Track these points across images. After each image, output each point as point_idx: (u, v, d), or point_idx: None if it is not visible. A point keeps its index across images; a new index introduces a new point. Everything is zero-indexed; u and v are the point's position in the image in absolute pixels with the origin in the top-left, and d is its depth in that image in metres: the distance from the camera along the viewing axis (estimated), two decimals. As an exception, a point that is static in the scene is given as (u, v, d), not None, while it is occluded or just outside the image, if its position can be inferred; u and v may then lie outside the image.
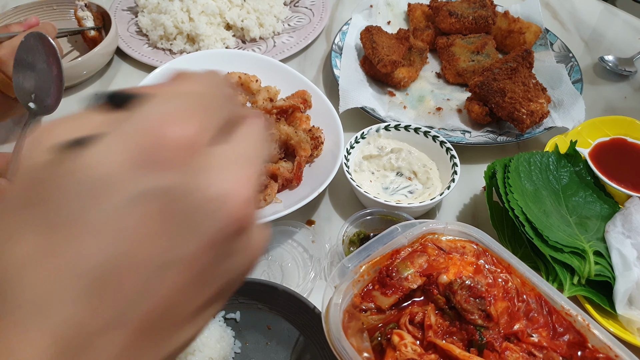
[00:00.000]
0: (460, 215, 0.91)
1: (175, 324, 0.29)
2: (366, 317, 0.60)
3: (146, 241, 0.26)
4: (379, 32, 1.10)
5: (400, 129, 0.93)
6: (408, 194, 0.88)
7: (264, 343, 0.71)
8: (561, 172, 0.86)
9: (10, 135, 1.01)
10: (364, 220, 0.82)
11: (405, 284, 0.61)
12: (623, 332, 0.70)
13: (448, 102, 1.09)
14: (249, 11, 1.21)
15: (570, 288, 0.73)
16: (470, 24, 1.14)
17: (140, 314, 0.26)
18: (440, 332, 0.59)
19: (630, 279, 0.71)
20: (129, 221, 0.25)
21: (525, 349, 0.57)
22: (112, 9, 1.28)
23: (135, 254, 0.26)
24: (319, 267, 0.80)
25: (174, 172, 0.26)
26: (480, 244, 0.66)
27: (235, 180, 0.28)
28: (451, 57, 1.11)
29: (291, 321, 0.70)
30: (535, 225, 0.75)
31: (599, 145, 0.90)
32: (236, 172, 0.28)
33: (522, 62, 1.02)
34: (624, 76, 1.19)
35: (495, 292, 0.61)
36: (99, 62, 1.11)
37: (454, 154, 0.88)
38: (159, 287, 0.27)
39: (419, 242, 0.66)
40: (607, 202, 0.84)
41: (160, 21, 1.17)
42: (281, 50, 1.18)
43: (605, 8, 1.41)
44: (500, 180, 0.81)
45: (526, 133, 0.97)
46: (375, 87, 1.10)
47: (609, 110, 1.11)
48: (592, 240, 0.76)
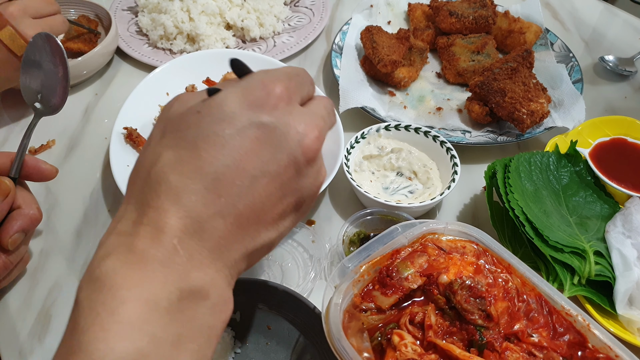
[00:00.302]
0: (460, 215, 0.91)
1: (262, 223, 0.41)
2: (366, 317, 0.60)
3: (250, 156, 0.39)
4: (379, 32, 1.10)
5: (400, 128, 0.93)
6: (408, 194, 0.88)
7: (264, 343, 0.71)
8: (561, 172, 0.86)
9: (10, 134, 1.01)
10: (364, 220, 0.82)
11: (405, 284, 0.61)
12: (623, 332, 0.70)
13: (448, 102, 1.09)
14: (249, 11, 1.21)
15: (571, 288, 0.73)
16: (470, 23, 1.14)
17: (238, 209, 0.39)
18: (440, 332, 0.59)
19: (630, 279, 0.71)
20: (239, 141, 0.39)
21: (525, 349, 0.57)
22: (112, 9, 1.28)
23: (241, 164, 0.38)
24: (319, 267, 0.80)
25: (274, 113, 0.40)
26: (480, 244, 0.66)
27: (310, 126, 0.42)
28: (451, 57, 1.11)
29: (291, 321, 0.70)
30: (536, 225, 0.75)
31: (599, 145, 0.90)
32: (311, 121, 0.42)
33: (523, 62, 1.02)
34: (624, 76, 1.19)
35: (495, 292, 0.61)
36: (99, 62, 1.11)
37: (454, 153, 0.88)
38: (254, 190, 0.39)
39: (419, 242, 0.66)
40: (608, 202, 0.84)
41: (160, 21, 1.17)
42: (281, 50, 1.18)
43: (606, 8, 1.41)
44: (501, 180, 0.81)
45: (526, 133, 0.97)
46: (376, 87, 1.10)
47: (609, 110, 1.11)
48: (593, 240, 0.76)
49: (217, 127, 0.39)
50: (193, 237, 0.38)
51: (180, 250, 0.37)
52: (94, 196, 0.91)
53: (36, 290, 0.78)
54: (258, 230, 0.41)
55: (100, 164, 0.97)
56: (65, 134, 1.02)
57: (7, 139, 1.00)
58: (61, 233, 0.86)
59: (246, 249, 0.41)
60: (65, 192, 0.91)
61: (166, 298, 0.36)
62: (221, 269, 0.39)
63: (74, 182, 0.93)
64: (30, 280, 0.79)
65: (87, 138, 1.01)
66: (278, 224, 0.43)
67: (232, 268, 0.41)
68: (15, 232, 0.67)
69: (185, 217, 0.37)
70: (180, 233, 0.37)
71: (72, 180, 0.93)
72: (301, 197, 0.43)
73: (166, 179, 0.38)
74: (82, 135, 1.02)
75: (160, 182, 0.38)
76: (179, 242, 0.37)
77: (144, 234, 0.37)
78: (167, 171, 0.38)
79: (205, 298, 0.38)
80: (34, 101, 0.78)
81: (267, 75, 0.42)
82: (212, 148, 0.38)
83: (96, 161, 0.97)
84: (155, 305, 0.35)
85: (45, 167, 0.74)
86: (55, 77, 0.78)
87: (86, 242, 0.85)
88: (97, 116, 1.06)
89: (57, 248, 0.84)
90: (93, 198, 0.91)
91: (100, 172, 0.95)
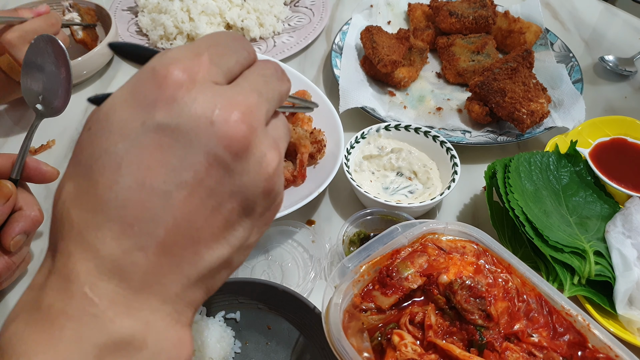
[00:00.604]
0: (460, 215, 0.91)
1: (199, 242, 0.33)
2: (366, 317, 0.60)
3: (154, 169, 0.31)
4: (379, 32, 1.10)
5: (400, 128, 0.93)
6: (408, 194, 0.88)
7: (264, 343, 0.71)
8: (561, 172, 0.86)
9: (10, 134, 1.01)
10: (364, 220, 0.82)
11: (405, 284, 0.61)
12: (623, 332, 0.70)
13: (448, 102, 1.09)
14: (249, 11, 1.21)
15: (571, 288, 0.73)
16: (470, 24, 1.14)
17: (159, 235, 0.31)
18: (440, 332, 0.59)
19: (630, 279, 0.71)
20: (136, 155, 0.31)
21: (525, 349, 0.57)
22: (112, 9, 1.28)
23: (146, 181, 0.31)
24: (319, 267, 0.80)
25: (172, 107, 0.31)
26: (480, 244, 0.66)
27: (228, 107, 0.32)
28: (451, 57, 1.11)
29: (291, 321, 0.70)
30: (536, 225, 0.75)
31: (599, 145, 0.90)
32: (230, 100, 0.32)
33: (523, 62, 1.02)
34: (624, 76, 1.19)
35: (495, 292, 0.61)
36: (99, 62, 1.11)
37: (454, 153, 0.88)
38: (172, 208, 0.31)
39: (419, 242, 0.66)
40: (608, 202, 0.84)
41: (160, 21, 1.17)
42: (281, 50, 1.18)
43: (605, 8, 1.41)
44: (501, 180, 0.81)
45: (526, 133, 0.97)
46: (376, 87, 1.10)
47: (609, 110, 1.11)
48: (593, 240, 0.76)
49: (108, 142, 0.32)
50: (111, 280, 0.31)
51: (95, 299, 0.31)
52: (94, 196, 0.91)
53: (36, 290, 0.78)
54: (197, 252, 0.33)
55: (100, 164, 0.96)
56: (65, 134, 1.02)
57: (8, 139, 1.00)
58: (61, 233, 0.86)
59: (187, 277, 0.33)
60: (65, 192, 0.91)
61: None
62: (159, 308, 0.33)
63: (74, 182, 0.93)
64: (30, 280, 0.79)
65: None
66: (225, 237, 0.34)
67: (177, 302, 0.34)
68: (17, 234, 0.67)
69: (94, 258, 0.31)
70: (91, 278, 0.31)
71: (72, 180, 0.93)
72: (245, 198, 0.34)
73: (68, 217, 0.32)
74: (82, 135, 1.02)
75: (63, 220, 0.32)
76: (90, 289, 0.31)
77: (51, 286, 0.31)
78: (68, 206, 0.32)
79: (140, 348, 0.32)
80: (35, 103, 0.78)
81: (162, 58, 0.33)
82: (107, 170, 0.31)
83: (96, 161, 0.97)
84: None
85: (47, 169, 0.74)
86: (57, 80, 0.78)
87: (86, 242, 0.85)
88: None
89: (57, 248, 0.84)
90: (93, 198, 0.91)
91: (100, 172, 0.95)
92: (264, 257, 0.83)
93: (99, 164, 0.31)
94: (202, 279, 0.34)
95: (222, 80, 0.34)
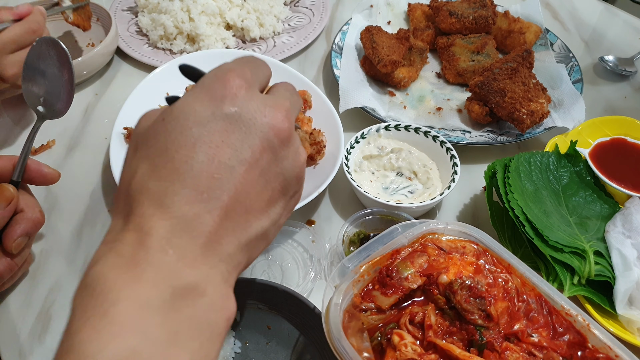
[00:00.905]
0: (460, 215, 0.91)
1: (250, 212, 0.41)
2: (366, 317, 0.60)
3: (222, 147, 0.39)
4: (379, 32, 1.10)
5: (400, 129, 0.93)
6: (408, 194, 0.88)
7: (264, 343, 0.71)
8: (561, 172, 0.86)
9: (10, 135, 1.01)
10: (364, 220, 0.82)
11: (405, 284, 0.61)
12: (623, 332, 0.70)
13: (448, 102, 1.09)
14: (249, 11, 1.21)
15: (571, 288, 0.73)
16: (470, 24, 1.14)
17: (223, 201, 0.39)
18: (440, 332, 0.59)
19: (630, 279, 0.71)
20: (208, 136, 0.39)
21: (525, 349, 0.57)
22: (112, 9, 1.28)
23: (216, 157, 0.39)
24: (319, 267, 0.80)
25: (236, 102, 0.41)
26: (480, 244, 0.66)
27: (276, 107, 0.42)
28: (451, 57, 1.11)
29: (291, 321, 0.70)
30: (536, 225, 0.75)
31: (599, 145, 0.90)
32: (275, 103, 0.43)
33: (522, 62, 1.02)
34: (624, 76, 1.19)
35: (495, 292, 0.61)
36: (99, 62, 1.11)
37: (454, 154, 0.88)
38: (235, 180, 0.39)
39: (419, 242, 0.66)
40: (607, 202, 0.84)
41: (160, 21, 1.17)
42: (281, 50, 1.18)
43: (605, 8, 1.41)
44: (501, 180, 0.81)
45: (526, 133, 0.97)
46: (376, 87, 1.10)
47: (609, 110, 1.11)
48: (592, 240, 0.76)
49: (184, 128, 0.40)
50: (182, 236, 0.37)
51: (170, 250, 0.37)
52: (94, 196, 0.91)
53: (36, 291, 0.78)
54: (248, 220, 0.41)
55: (100, 164, 0.97)
56: (66, 134, 1.02)
57: (8, 140, 1.00)
58: (61, 233, 0.86)
59: (239, 240, 0.40)
60: (65, 192, 0.91)
61: (158, 297, 0.36)
62: (216, 264, 0.39)
63: (74, 182, 0.93)
64: (31, 281, 0.79)
65: (87, 138, 1.01)
66: (268, 211, 0.43)
67: (229, 263, 0.40)
68: (19, 236, 0.68)
69: (171, 218, 0.38)
70: (167, 234, 0.37)
71: (72, 180, 0.93)
72: (285, 180, 0.43)
73: (146, 187, 0.39)
74: (82, 136, 1.02)
75: (141, 191, 0.39)
76: (167, 242, 0.37)
77: (130, 239, 0.37)
78: (146, 180, 0.39)
79: (201, 295, 0.37)
80: (37, 105, 0.78)
81: (220, 69, 0.43)
82: (183, 148, 0.39)
83: (96, 161, 0.97)
84: (146, 305, 0.35)
85: (48, 171, 0.74)
86: (59, 82, 0.78)
87: (86, 242, 0.85)
88: (97, 116, 1.06)
89: (57, 248, 0.84)
90: (93, 198, 0.91)
91: (100, 172, 0.95)
92: (264, 257, 0.83)
93: (176, 143, 0.39)
94: (248, 244, 0.42)
95: (260, 89, 0.44)
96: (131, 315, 0.34)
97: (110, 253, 0.37)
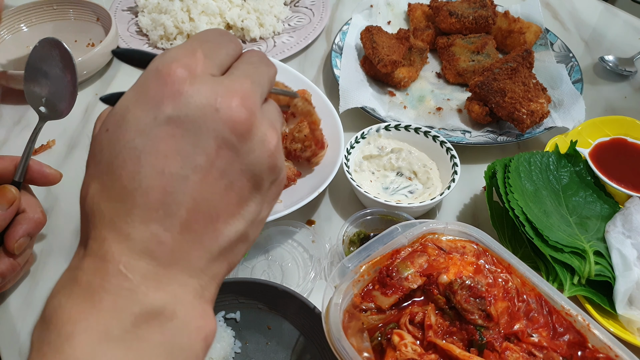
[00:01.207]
0: (460, 215, 0.91)
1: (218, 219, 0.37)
2: (366, 317, 0.60)
3: (170, 157, 0.35)
4: (379, 32, 1.10)
5: (400, 129, 0.93)
6: (408, 194, 0.88)
7: (264, 343, 0.71)
8: (561, 172, 0.86)
9: (10, 134, 1.01)
10: (364, 220, 0.82)
11: (405, 284, 0.61)
12: (623, 332, 0.70)
13: (448, 102, 1.09)
14: (249, 11, 1.21)
15: (571, 288, 0.73)
16: (470, 24, 1.14)
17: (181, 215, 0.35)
18: (440, 332, 0.59)
19: (630, 279, 0.71)
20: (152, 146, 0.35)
21: (525, 349, 0.57)
22: (112, 9, 1.28)
23: (165, 169, 0.34)
24: (319, 267, 0.80)
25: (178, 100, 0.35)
26: (480, 244, 0.66)
27: (228, 94, 0.36)
28: (451, 57, 1.12)
29: (291, 321, 0.70)
30: (536, 225, 0.75)
31: (599, 145, 0.90)
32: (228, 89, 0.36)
33: (522, 62, 1.02)
34: (624, 76, 1.19)
35: (495, 292, 0.61)
36: (99, 62, 1.11)
37: (454, 153, 0.88)
38: (190, 189, 0.35)
39: (419, 242, 0.66)
40: (607, 202, 0.84)
41: (160, 21, 1.17)
42: (281, 50, 1.18)
43: (605, 8, 1.41)
44: (501, 180, 0.81)
45: (526, 133, 0.97)
46: (376, 87, 1.10)
47: (609, 110, 1.11)
48: (592, 240, 0.76)
49: (126, 140, 0.35)
50: (141, 259, 0.35)
51: (129, 274, 0.34)
52: (94, 196, 0.91)
53: (36, 290, 0.78)
54: (217, 229, 0.37)
55: (101, 164, 0.96)
56: (66, 134, 1.02)
57: (8, 139, 1.00)
58: (61, 233, 0.86)
59: (210, 252, 0.37)
60: (65, 192, 0.91)
61: (118, 327, 0.33)
62: (186, 282, 0.36)
63: (74, 182, 0.93)
64: (31, 281, 0.79)
65: (87, 138, 1.01)
66: (240, 212, 0.38)
67: (202, 277, 0.37)
68: (21, 237, 0.68)
69: (126, 241, 0.35)
70: (124, 258, 0.34)
71: (72, 180, 0.92)
72: (254, 175, 0.38)
73: (99, 210, 0.36)
74: (82, 135, 1.02)
75: (95, 213, 0.36)
76: (125, 267, 0.34)
77: (88, 267, 0.35)
78: (97, 201, 0.36)
79: (170, 318, 0.35)
80: (39, 105, 0.78)
81: (163, 58, 0.37)
82: (128, 163, 0.35)
83: (96, 161, 0.97)
84: (105, 336, 0.32)
85: (50, 172, 0.75)
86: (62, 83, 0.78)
87: (86, 242, 0.85)
88: (97, 116, 1.06)
89: (57, 248, 0.84)
90: (93, 198, 0.91)
91: (100, 172, 0.95)
92: (264, 257, 0.83)
93: (120, 159, 0.35)
94: (223, 253, 0.38)
95: (217, 72, 0.38)
96: (88, 349, 0.32)
97: (69, 282, 0.35)
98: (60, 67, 0.77)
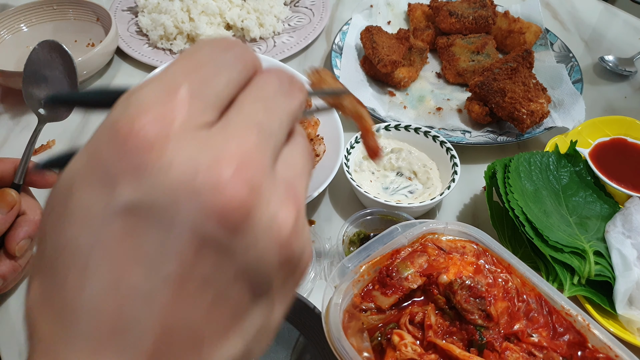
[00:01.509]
0: (460, 215, 0.91)
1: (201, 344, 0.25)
2: (366, 317, 0.60)
3: (128, 265, 0.23)
4: (379, 32, 1.10)
5: (400, 128, 0.93)
6: (408, 194, 0.88)
7: (264, 343, 0.71)
8: (561, 172, 0.86)
9: (10, 134, 1.01)
10: (364, 220, 0.82)
11: (405, 284, 0.61)
12: (623, 332, 0.70)
13: (448, 102, 1.09)
14: (249, 11, 1.22)
15: (570, 288, 0.73)
16: (470, 24, 1.14)
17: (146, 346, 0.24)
18: (440, 332, 0.59)
19: (630, 279, 0.71)
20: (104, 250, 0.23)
21: (525, 349, 0.57)
22: (112, 9, 1.28)
23: (122, 282, 0.23)
24: (319, 267, 0.80)
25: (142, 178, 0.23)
26: (480, 244, 0.66)
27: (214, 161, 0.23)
28: (451, 57, 1.12)
29: (291, 321, 0.70)
30: (535, 225, 0.75)
31: (599, 145, 0.90)
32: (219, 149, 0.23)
33: (522, 62, 1.02)
34: (624, 76, 1.19)
35: (495, 292, 0.61)
36: (99, 62, 1.11)
37: (454, 154, 0.88)
38: (155, 312, 0.24)
39: (419, 242, 0.66)
40: (607, 202, 0.84)
41: (160, 21, 1.17)
42: (281, 50, 1.18)
43: (605, 8, 1.41)
44: (501, 180, 0.82)
45: (526, 133, 0.97)
46: (376, 87, 1.10)
47: (609, 110, 1.11)
48: (592, 240, 0.76)
49: (70, 232, 0.24)
50: None
51: None
52: (94, 196, 0.91)
53: (36, 291, 0.78)
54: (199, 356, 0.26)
55: (101, 164, 0.96)
56: (65, 134, 1.02)
57: (7, 139, 1.00)
58: (61, 233, 0.86)
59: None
60: (66, 192, 0.91)
61: None
62: None
63: (74, 182, 0.93)
64: (31, 281, 0.79)
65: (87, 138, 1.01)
66: (235, 329, 0.26)
67: None
68: (22, 239, 0.68)
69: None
70: None
71: (72, 181, 0.93)
72: (256, 276, 0.25)
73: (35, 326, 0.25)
74: (82, 136, 1.02)
75: (32, 331, 0.26)
76: None
77: None
78: (36, 314, 0.26)
79: None
80: (38, 107, 0.78)
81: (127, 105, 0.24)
82: (73, 271, 0.24)
83: (96, 161, 0.97)
84: None
85: (50, 174, 0.74)
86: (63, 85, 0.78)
87: (86, 242, 0.85)
88: (97, 116, 1.06)
89: (57, 248, 0.84)
90: (93, 198, 0.91)
91: (100, 172, 0.95)
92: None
93: (63, 260, 0.24)
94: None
95: (212, 116, 0.25)
96: None
97: None
98: (60, 69, 0.77)
